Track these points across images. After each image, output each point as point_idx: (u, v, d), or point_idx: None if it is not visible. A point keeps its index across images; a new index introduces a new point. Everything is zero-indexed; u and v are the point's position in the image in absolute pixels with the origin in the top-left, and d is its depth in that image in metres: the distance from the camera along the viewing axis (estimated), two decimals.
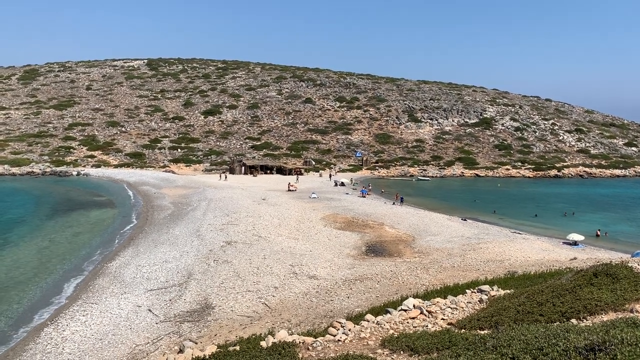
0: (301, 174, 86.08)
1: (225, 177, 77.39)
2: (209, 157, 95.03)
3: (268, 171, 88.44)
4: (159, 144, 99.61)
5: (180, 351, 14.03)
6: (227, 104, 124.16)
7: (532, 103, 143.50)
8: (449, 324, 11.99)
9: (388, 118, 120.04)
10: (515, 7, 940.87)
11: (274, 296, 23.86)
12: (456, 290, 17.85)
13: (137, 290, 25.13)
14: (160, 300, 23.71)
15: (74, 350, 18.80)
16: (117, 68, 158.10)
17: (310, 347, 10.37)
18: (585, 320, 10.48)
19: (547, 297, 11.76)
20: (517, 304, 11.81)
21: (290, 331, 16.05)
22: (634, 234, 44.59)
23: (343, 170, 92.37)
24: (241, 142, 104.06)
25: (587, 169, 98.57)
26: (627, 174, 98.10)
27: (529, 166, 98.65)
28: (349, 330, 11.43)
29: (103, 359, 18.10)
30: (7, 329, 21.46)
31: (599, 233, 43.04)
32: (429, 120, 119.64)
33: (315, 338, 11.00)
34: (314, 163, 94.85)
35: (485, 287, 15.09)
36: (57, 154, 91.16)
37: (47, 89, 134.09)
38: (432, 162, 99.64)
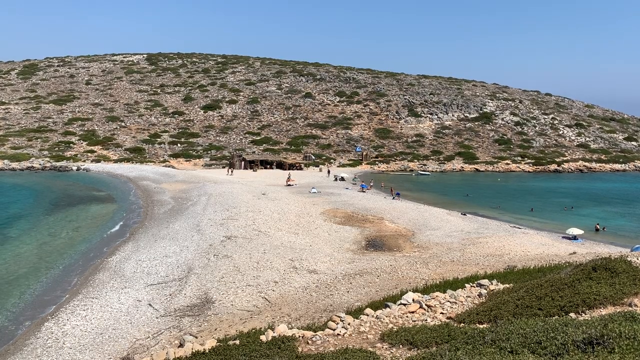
0: (301, 169, 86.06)
1: (232, 172, 77.56)
2: (209, 151, 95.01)
3: (268, 166, 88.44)
4: (158, 139, 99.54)
5: (181, 345, 14.07)
6: (227, 99, 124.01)
7: (532, 97, 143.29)
8: (448, 318, 12.03)
9: (388, 113, 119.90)
10: (515, 1, 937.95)
11: (273, 290, 23.90)
12: (455, 284, 17.89)
13: (137, 284, 25.18)
14: (161, 295, 23.77)
15: (75, 344, 18.86)
16: (116, 63, 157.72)
17: (309, 341, 10.42)
18: (584, 314, 10.52)
19: (546, 292, 11.79)
20: (516, 298, 11.85)
21: (290, 325, 16.12)
22: (633, 229, 44.62)
23: (343, 165, 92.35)
24: (241, 137, 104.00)
25: (587, 164, 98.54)
26: (627, 168, 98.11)
27: (529, 161, 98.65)
28: (349, 324, 11.47)
29: (103, 353, 18.16)
30: (7, 324, 21.52)
31: (598, 227, 43.08)
32: (428, 115, 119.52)
33: (315, 332, 11.05)
34: (313, 158, 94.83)
35: (485, 282, 15.14)
36: (56, 148, 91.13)
37: (47, 84, 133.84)
38: (432, 157, 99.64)
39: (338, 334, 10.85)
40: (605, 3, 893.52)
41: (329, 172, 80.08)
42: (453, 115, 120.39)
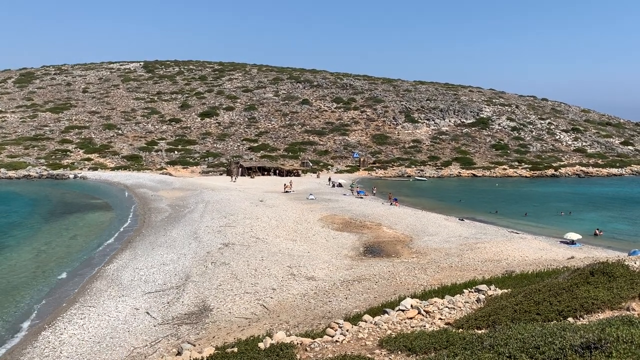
0: (298, 175, 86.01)
1: (235, 179, 77.53)
2: (206, 159, 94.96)
3: (265, 173, 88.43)
4: (155, 146, 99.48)
5: (178, 353, 14.00)
6: (224, 106, 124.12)
7: (529, 103, 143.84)
8: (446, 323, 12.01)
9: (385, 119, 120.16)
10: (511, 6, 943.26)
11: (272, 298, 23.84)
12: (454, 290, 17.88)
13: (134, 293, 25.09)
14: (158, 303, 23.67)
15: (72, 353, 18.76)
16: (113, 71, 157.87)
17: (308, 348, 10.39)
18: (582, 319, 10.52)
19: (544, 296, 11.79)
20: (514, 303, 11.84)
21: (288, 332, 16.07)
22: (630, 233, 44.72)
23: (340, 171, 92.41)
24: (238, 144, 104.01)
25: (583, 168, 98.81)
26: (624, 172, 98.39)
27: (526, 166, 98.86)
28: (347, 331, 11.44)
29: None
30: (4, 333, 21.40)
31: (597, 232, 43.11)
32: (425, 121, 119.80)
33: (313, 339, 11.01)
34: (311, 164, 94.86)
35: (483, 287, 15.11)
36: (53, 157, 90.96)
37: (44, 92, 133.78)
38: (429, 163, 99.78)
39: (336, 341, 10.82)
40: (602, 7, 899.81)
41: (329, 179, 78.97)
42: (450, 121, 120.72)
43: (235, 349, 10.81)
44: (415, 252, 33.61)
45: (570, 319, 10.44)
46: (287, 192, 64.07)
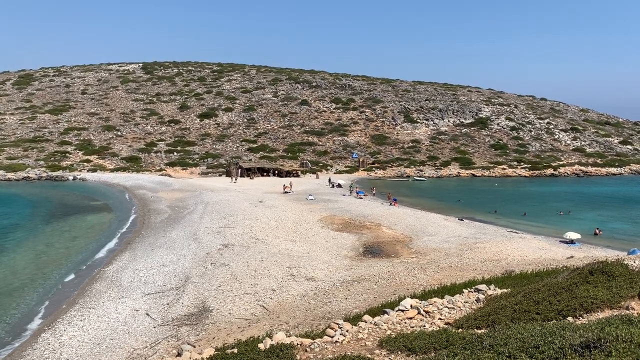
0: (298, 176, 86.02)
1: (236, 180, 77.31)
2: (206, 160, 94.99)
3: (265, 173, 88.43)
4: (155, 148, 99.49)
5: (179, 355, 14.01)
6: (223, 107, 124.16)
7: (527, 102, 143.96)
8: (446, 323, 12.02)
9: (384, 119, 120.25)
10: (511, 6, 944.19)
11: (271, 298, 23.85)
12: (453, 290, 17.89)
13: (134, 294, 25.09)
14: (158, 304, 23.67)
15: (72, 355, 18.75)
16: (112, 72, 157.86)
17: (308, 349, 10.39)
18: (581, 318, 10.54)
19: (543, 296, 11.82)
20: (514, 303, 11.86)
21: (288, 333, 16.06)
22: (630, 232, 44.71)
23: (340, 172, 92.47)
24: (237, 145, 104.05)
25: (582, 168, 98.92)
26: (623, 172, 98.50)
27: (525, 165, 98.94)
28: (347, 331, 11.45)
29: None
30: (4, 335, 21.39)
31: (596, 231, 43.12)
32: (424, 121, 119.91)
33: (313, 340, 11.02)
34: (310, 165, 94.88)
35: (482, 287, 15.12)
36: (52, 158, 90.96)
37: (42, 94, 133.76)
38: (428, 163, 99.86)
39: (336, 341, 10.82)
40: (599, 7, 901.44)
41: (329, 180, 78.96)
42: (449, 121, 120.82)
43: (235, 350, 10.81)
44: (414, 252, 33.62)
45: (570, 319, 10.46)
46: (286, 192, 64.09)
